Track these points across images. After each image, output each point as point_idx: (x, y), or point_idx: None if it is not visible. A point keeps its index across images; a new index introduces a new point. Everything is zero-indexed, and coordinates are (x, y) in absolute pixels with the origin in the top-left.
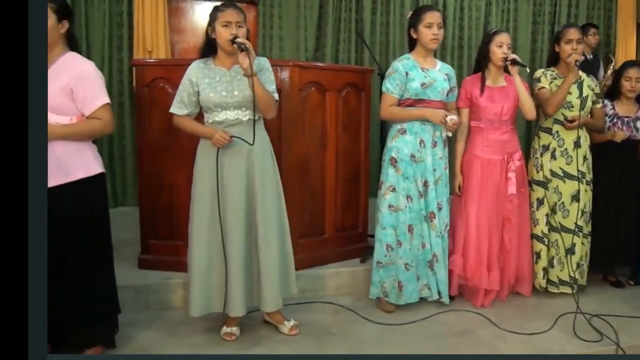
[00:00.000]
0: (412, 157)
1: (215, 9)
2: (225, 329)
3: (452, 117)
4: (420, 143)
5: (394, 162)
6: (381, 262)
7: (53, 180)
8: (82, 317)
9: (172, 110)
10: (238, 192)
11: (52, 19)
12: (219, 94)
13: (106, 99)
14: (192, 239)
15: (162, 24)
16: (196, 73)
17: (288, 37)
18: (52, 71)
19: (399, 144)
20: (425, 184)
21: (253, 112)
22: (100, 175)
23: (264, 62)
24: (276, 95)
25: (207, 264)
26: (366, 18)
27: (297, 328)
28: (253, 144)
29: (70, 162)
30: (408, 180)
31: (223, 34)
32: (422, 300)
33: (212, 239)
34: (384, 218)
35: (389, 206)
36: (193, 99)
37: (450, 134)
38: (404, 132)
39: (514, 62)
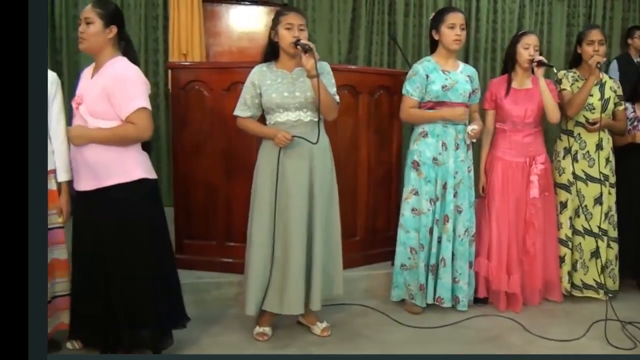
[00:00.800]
0: (435, 160)
1: (278, 13)
2: (257, 329)
3: (473, 127)
4: (442, 146)
5: (416, 165)
6: (405, 265)
7: (88, 184)
8: (118, 320)
9: (236, 112)
10: (301, 192)
11: (97, 24)
12: (281, 95)
13: (141, 103)
14: (252, 239)
15: (198, 27)
16: (258, 76)
17: (321, 40)
18: (97, 75)
19: (421, 147)
20: (444, 187)
21: (318, 112)
22: (142, 180)
23: (325, 66)
24: (337, 98)
25: (265, 264)
26: (399, 20)
27: (329, 329)
28: (317, 142)
29: (107, 167)
30: (430, 184)
31: (286, 37)
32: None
33: (272, 240)
34: (407, 221)
35: (412, 209)
36: (256, 101)
37: (474, 140)
38: (425, 135)
39: (540, 64)
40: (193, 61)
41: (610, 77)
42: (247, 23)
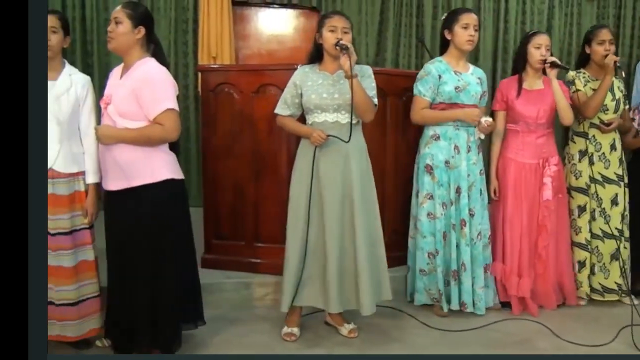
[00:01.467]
0: (447, 164)
1: (324, 16)
2: (285, 329)
3: (487, 119)
4: (454, 149)
5: (429, 169)
6: (424, 270)
7: (117, 184)
8: (135, 319)
9: (277, 110)
10: (335, 191)
11: (126, 24)
12: (320, 96)
13: (169, 104)
14: (289, 238)
15: (227, 30)
16: (301, 77)
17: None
18: (126, 76)
19: (433, 150)
20: (458, 191)
21: (351, 112)
22: (168, 181)
23: (366, 69)
24: (375, 101)
25: (300, 261)
26: (427, 23)
27: (356, 331)
28: (348, 141)
29: (134, 168)
30: (443, 187)
31: (329, 39)
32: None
33: (308, 237)
34: (423, 226)
35: (428, 214)
36: (296, 101)
37: (482, 137)
38: (437, 138)
39: (554, 65)
40: (222, 64)
41: (615, 77)
42: (276, 26)
